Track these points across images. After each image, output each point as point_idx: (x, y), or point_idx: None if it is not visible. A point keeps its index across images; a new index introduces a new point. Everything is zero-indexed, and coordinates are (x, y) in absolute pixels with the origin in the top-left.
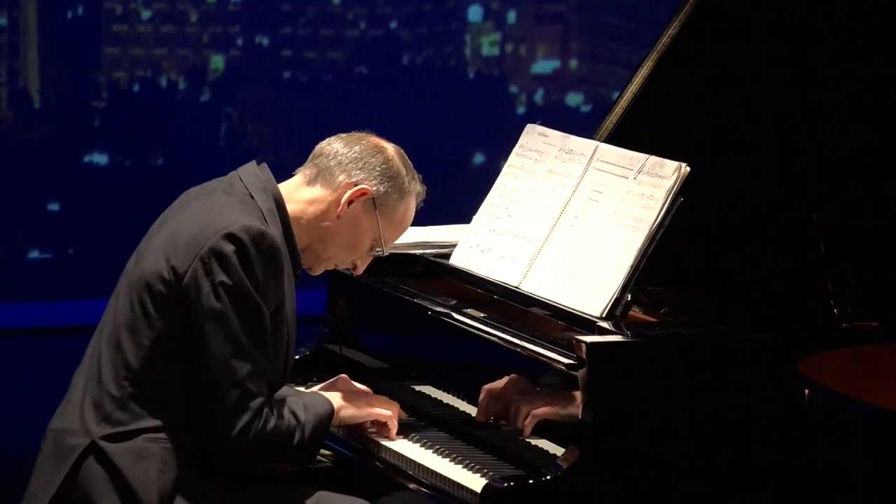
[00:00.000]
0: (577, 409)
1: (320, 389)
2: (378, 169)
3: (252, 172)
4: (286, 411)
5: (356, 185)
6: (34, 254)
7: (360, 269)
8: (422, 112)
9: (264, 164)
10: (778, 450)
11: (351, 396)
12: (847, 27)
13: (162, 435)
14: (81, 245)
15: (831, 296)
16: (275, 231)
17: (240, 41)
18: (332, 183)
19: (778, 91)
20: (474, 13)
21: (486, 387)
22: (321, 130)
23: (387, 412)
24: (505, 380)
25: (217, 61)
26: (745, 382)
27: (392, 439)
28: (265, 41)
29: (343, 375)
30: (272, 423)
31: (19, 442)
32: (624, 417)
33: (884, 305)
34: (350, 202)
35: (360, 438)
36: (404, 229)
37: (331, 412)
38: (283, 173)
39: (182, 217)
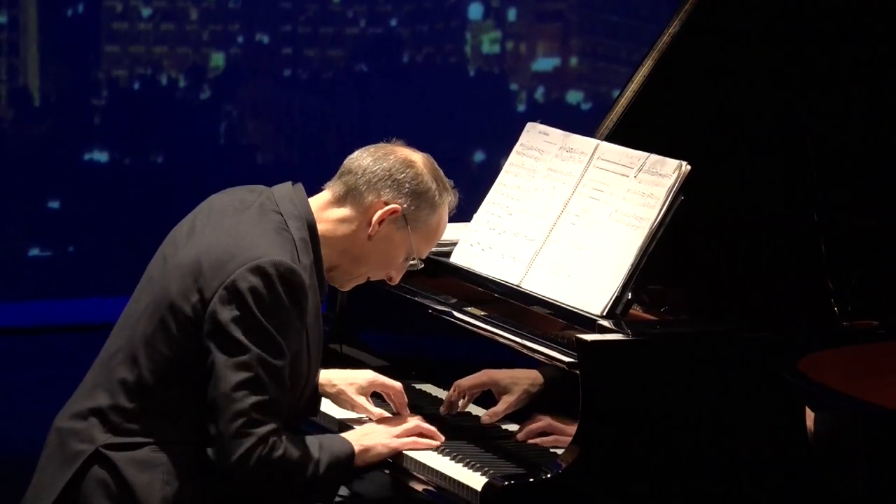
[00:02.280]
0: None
1: (348, 385)
2: (408, 185)
3: (288, 198)
4: (299, 445)
5: (386, 205)
6: (34, 252)
7: (396, 280)
8: (422, 110)
9: (299, 186)
10: (778, 449)
11: (373, 434)
12: (848, 24)
13: (169, 446)
14: (82, 243)
15: (831, 294)
16: (306, 261)
17: (240, 39)
18: (362, 203)
19: (779, 89)
20: (475, 11)
21: (456, 383)
22: (321, 128)
23: (410, 440)
24: (476, 375)
25: (217, 59)
26: (745, 381)
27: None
28: (265, 39)
29: (370, 372)
30: (278, 452)
31: (19, 441)
32: (624, 416)
33: (884, 304)
34: (381, 221)
35: None
36: (438, 238)
37: (350, 454)
38: (284, 171)
39: (212, 235)
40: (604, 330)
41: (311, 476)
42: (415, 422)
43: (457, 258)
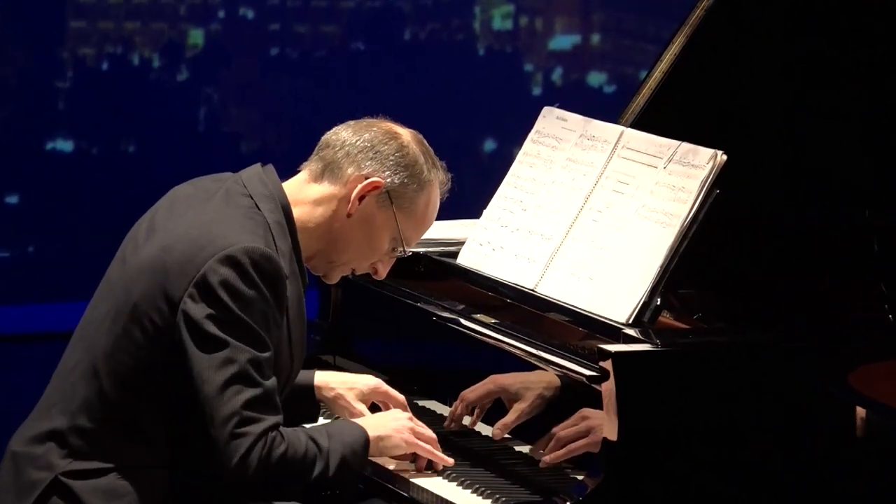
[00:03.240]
0: (599, 426)
1: (348, 390)
2: (392, 158)
3: (257, 178)
4: (303, 438)
5: (367, 178)
6: None
7: (382, 273)
8: (425, 93)
9: (270, 167)
10: (827, 472)
11: (390, 422)
12: None
13: (137, 472)
14: (43, 243)
15: (885, 299)
16: (283, 246)
17: (221, 13)
18: (341, 177)
19: (829, 71)
20: None
21: (462, 394)
22: (313, 114)
23: (427, 446)
24: (484, 383)
25: (196, 36)
26: (788, 397)
27: (424, 473)
28: (250, 13)
29: (373, 378)
30: (280, 449)
31: None
32: (653, 436)
33: None
34: (361, 197)
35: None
36: (428, 224)
37: (364, 440)
38: (271, 161)
39: (175, 229)
40: (629, 339)
41: (323, 470)
42: (431, 433)
43: (464, 259)
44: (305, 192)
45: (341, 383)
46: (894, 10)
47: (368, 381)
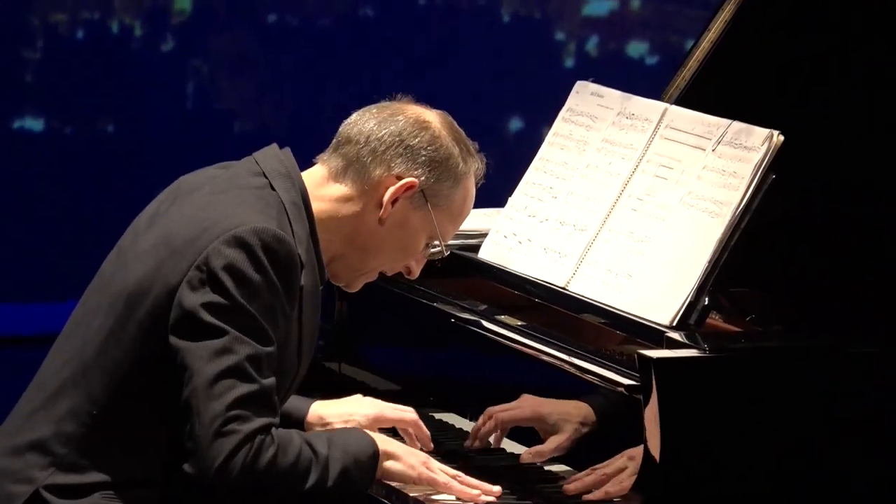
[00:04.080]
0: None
1: (344, 423)
2: (424, 153)
3: (272, 156)
4: (297, 441)
5: (399, 179)
6: None
7: (416, 272)
8: (443, 66)
9: (287, 150)
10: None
11: (403, 447)
12: None
13: (122, 492)
14: (11, 234)
15: None
16: (300, 231)
17: None
18: (368, 178)
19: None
20: None
21: (490, 410)
22: (315, 89)
23: (445, 478)
24: (515, 405)
25: (183, 1)
26: (855, 409)
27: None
28: None
29: (374, 402)
30: (269, 453)
31: None
32: (700, 454)
33: None
34: (394, 200)
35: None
36: (466, 216)
37: (372, 452)
38: (268, 142)
39: (178, 213)
40: (674, 344)
41: (319, 480)
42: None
43: (487, 253)
44: (326, 189)
45: (337, 416)
46: None
47: (369, 409)
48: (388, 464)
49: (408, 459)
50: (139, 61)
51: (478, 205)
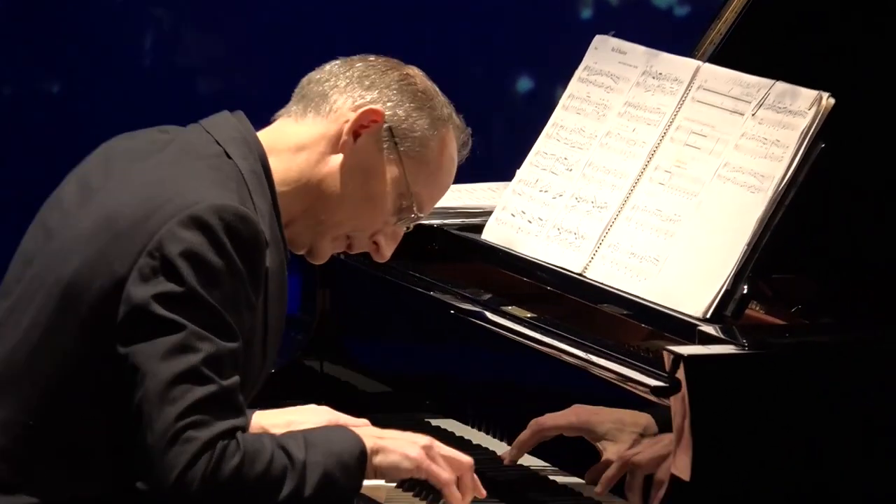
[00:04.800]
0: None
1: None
2: (394, 86)
3: (225, 122)
4: (268, 445)
5: (361, 107)
6: None
7: (386, 250)
8: (439, 17)
9: (240, 113)
10: None
11: (399, 435)
12: None
13: None
14: None
15: None
16: (262, 204)
17: None
18: (329, 112)
19: None
20: None
21: (538, 421)
22: (294, 45)
23: (447, 471)
24: (566, 414)
25: None
26: None
27: None
28: None
29: (325, 411)
30: (233, 461)
31: None
32: (737, 466)
33: None
34: (356, 132)
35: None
36: (445, 181)
37: (359, 452)
38: (238, 105)
39: (119, 188)
40: (708, 339)
41: (295, 489)
42: (468, 458)
43: (491, 234)
44: (283, 138)
45: (283, 426)
46: None
47: (315, 419)
48: (379, 459)
49: (403, 449)
50: (89, 13)
51: (481, 178)
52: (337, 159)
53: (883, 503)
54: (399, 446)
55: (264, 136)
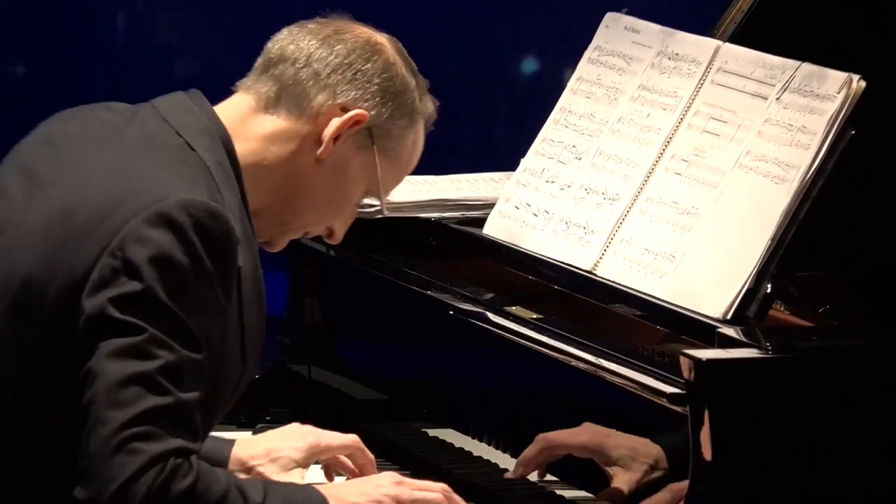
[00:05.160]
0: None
1: (270, 463)
2: (377, 81)
3: (181, 107)
4: (223, 480)
5: (345, 111)
6: None
7: (339, 236)
8: None
9: (196, 93)
10: None
11: (367, 488)
12: None
13: None
14: None
15: None
16: (230, 198)
17: None
18: (307, 107)
19: None
20: None
21: (544, 437)
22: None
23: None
24: (577, 434)
25: None
26: None
27: None
28: None
29: (306, 431)
30: (185, 482)
31: None
32: (760, 478)
33: None
34: (337, 137)
35: None
36: (409, 171)
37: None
38: (219, 87)
39: (73, 177)
40: (728, 343)
41: None
42: (439, 486)
43: (494, 229)
44: (252, 125)
45: (262, 454)
46: None
47: (298, 442)
48: None
49: (377, 497)
50: None
51: (482, 167)
52: (312, 162)
53: None
54: (374, 492)
55: (226, 114)
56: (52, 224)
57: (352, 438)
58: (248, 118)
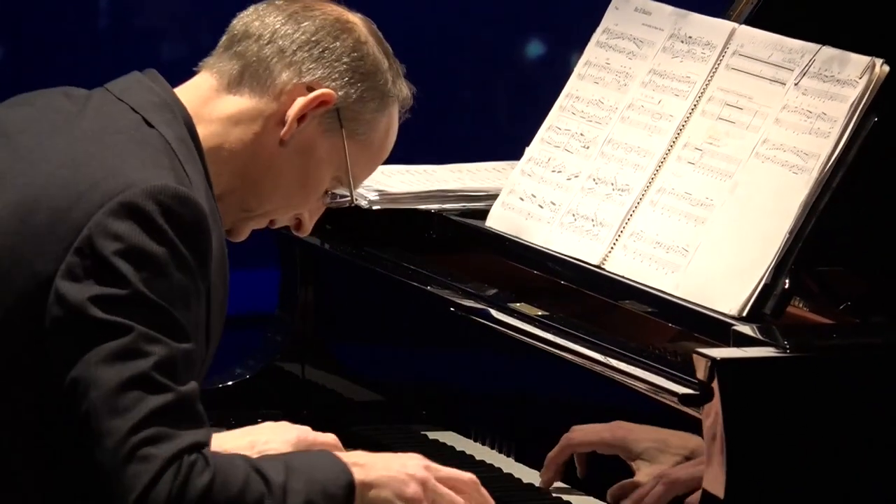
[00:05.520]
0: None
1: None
2: (346, 60)
3: (138, 84)
4: (241, 467)
5: (311, 90)
6: None
7: (308, 227)
8: None
9: (153, 72)
10: None
11: (393, 464)
12: None
13: None
14: None
15: None
16: (195, 176)
17: None
18: (270, 85)
19: None
20: None
21: (566, 437)
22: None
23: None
24: (599, 428)
25: None
26: None
27: None
28: None
29: (296, 429)
30: (203, 479)
31: None
32: (778, 482)
33: None
34: (302, 117)
35: None
36: (384, 156)
37: (346, 483)
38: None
39: (29, 171)
40: (744, 341)
41: None
42: (469, 476)
43: (497, 221)
44: (214, 106)
45: (248, 447)
46: None
47: (284, 436)
48: (372, 495)
49: (397, 488)
50: None
51: (485, 157)
52: (276, 144)
53: None
54: (393, 485)
55: (186, 96)
56: (9, 221)
57: (335, 438)
58: (209, 99)
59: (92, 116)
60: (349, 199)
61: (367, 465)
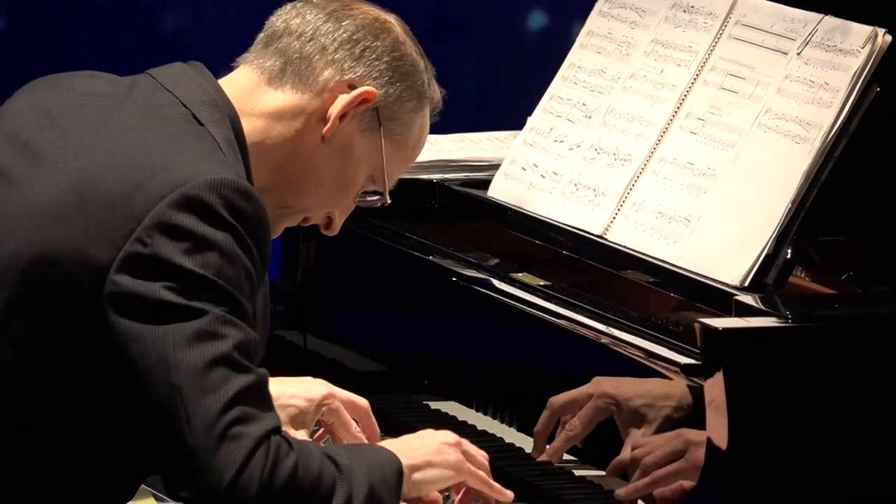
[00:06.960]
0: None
1: (279, 409)
2: (386, 59)
3: (187, 78)
4: (315, 451)
5: (352, 88)
6: None
7: (338, 227)
8: None
9: (199, 65)
10: None
11: (429, 442)
12: None
13: None
14: None
15: None
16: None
17: None
18: (313, 82)
19: None
20: None
21: (554, 400)
22: None
23: (482, 474)
24: (586, 389)
25: None
26: None
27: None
28: None
29: (321, 387)
30: (289, 462)
31: None
32: (779, 453)
33: None
34: (343, 115)
35: None
36: (413, 161)
37: (396, 468)
38: (219, 50)
39: (83, 156)
40: (746, 311)
41: (346, 500)
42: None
43: (499, 191)
44: (257, 100)
45: (275, 396)
46: None
47: (308, 392)
48: (420, 476)
49: (442, 457)
50: None
51: (487, 127)
52: (317, 141)
53: None
54: (437, 458)
55: (230, 88)
56: (63, 204)
57: (365, 402)
58: (252, 93)
59: (142, 104)
60: (382, 198)
61: (405, 448)
